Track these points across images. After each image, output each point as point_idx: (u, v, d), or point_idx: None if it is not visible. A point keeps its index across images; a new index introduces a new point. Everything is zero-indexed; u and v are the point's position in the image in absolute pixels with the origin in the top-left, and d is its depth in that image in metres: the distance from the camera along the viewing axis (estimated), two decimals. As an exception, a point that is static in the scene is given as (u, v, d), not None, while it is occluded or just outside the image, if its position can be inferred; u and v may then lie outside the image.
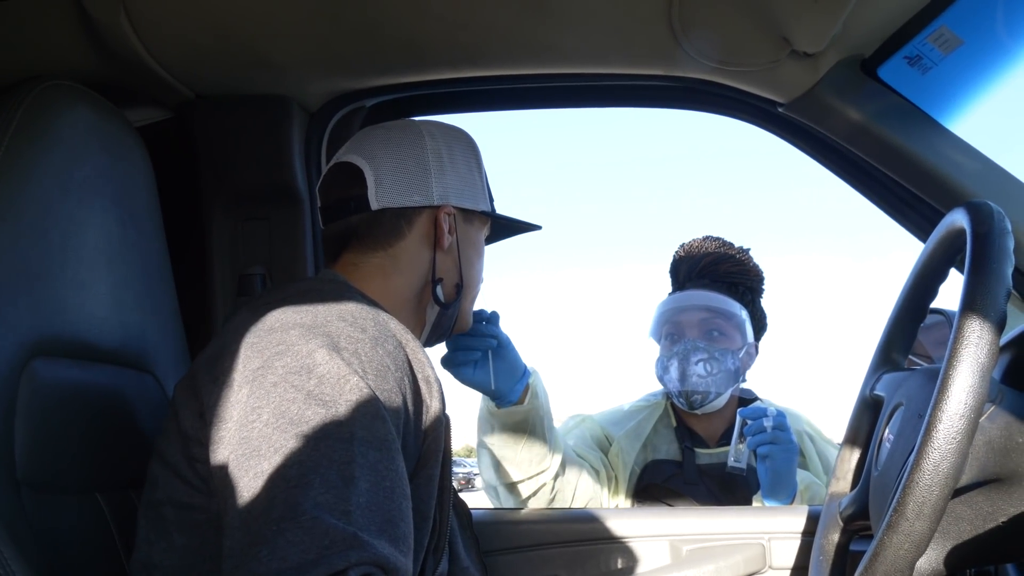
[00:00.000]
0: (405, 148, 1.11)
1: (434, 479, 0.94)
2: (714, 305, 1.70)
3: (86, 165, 1.03)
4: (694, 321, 1.72)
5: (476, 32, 1.29)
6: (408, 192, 1.09)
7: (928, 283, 1.07)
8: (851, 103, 1.30)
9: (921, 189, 1.30)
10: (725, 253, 1.76)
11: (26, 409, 0.89)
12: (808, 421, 1.80)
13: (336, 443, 0.78)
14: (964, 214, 0.87)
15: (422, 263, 1.11)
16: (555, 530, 1.41)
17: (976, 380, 0.73)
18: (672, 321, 1.75)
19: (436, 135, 1.13)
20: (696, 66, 1.34)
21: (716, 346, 1.69)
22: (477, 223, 1.17)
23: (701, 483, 1.67)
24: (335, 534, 0.73)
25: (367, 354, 0.87)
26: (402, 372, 0.91)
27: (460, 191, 1.13)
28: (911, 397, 0.98)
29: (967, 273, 0.79)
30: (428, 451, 0.94)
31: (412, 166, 1.10)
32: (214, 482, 0.84)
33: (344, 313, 0.91)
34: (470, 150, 1.17)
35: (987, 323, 0.74)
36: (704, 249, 1.78)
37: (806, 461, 1.70)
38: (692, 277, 1.76)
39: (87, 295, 1.01)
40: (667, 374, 1.73)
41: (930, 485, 0.73)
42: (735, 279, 1.75)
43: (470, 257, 1.16)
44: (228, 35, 1.24)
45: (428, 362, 0.98)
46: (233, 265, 1.44)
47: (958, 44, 1.23)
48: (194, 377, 0.91)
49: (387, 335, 0.93)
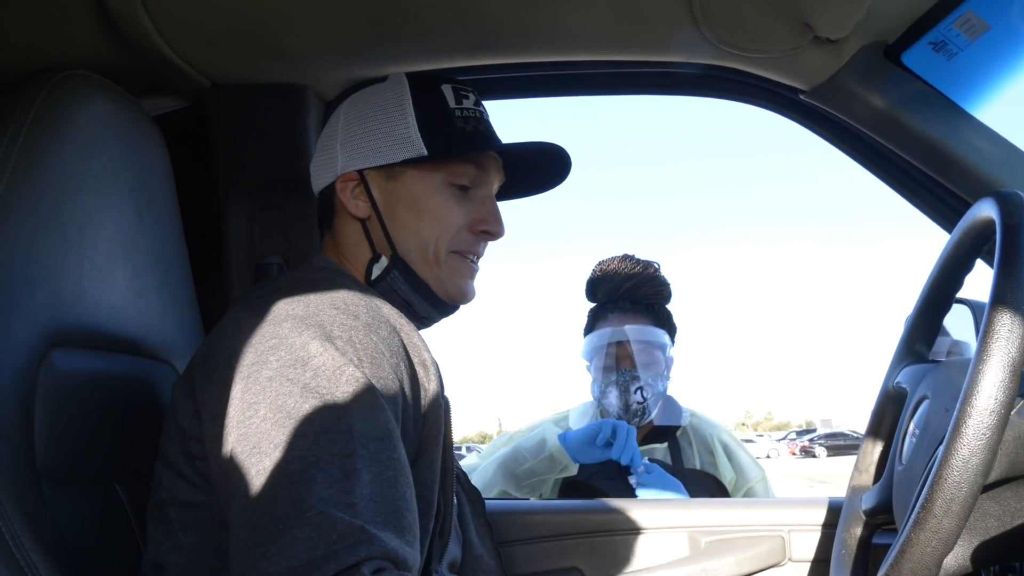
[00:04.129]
0: (329, 126, 1.11)
1: (436, 463, 0.93)
2: (647, 338, 1.92)
3: (103, 155, 1.03)
4: (628, 352, 1.93)
5: (493, 19, 1.27)
6: (323, 170, 1.09)
7: (954, 274, 1.06)
8: (875, 90, 1.28)
9: (946, 177, 1.29)
10: (644, 275, 1.95)
11: (45, 400, 0.89)
12: (724, 428, 2.06)
13: (336, 435, 0.78)
14: (993, 204, 0.85)
15: (357, 239, 1.07)
16: (573, 521, 1.40)
17: (1007, 375, 0.72)
18: (606, 351, 1.95)
19: (354, 101, 1.09)
20: (717, 53, 1.32)
21: (649, 372, 1.91)
22: (409, 175, 1.05)
23: (619, 478, 1.81)
24: (342, 528, 0.72)
25: (361, 341, 0.86)
26: (397, 357, 0.90)
27: (366, 150, 1.06)
28: (937, 390, 0.97)
29: (997, 266, 0.77)
30: (428, 435, 0.93)
31: (326, 143, 1.10)
32: (214, 480, 0.84)
33: (336, 301, 0.90)
34: (391, 98, 1.07)
35: (1018, 317, 0.73)
36: (624, 271, 1.96)
37: (716, 462, 1.95)
38: (614, 299, 1.96)
39: (105, 285, 1.01)
40: (606, 398, 1.93)
41: (959, 481, 0.72)
42: (653, 300, 1.96)
43: (399, 217, 1.05)
44: (244, 24, 1.23)
45: (424, 345, 0.97)
46: (250, 254, 1.43)
47: (985, 29, 1.20)
48: (190, 376, 0.91)
49: (380, 320, 0.91)
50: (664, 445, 1.96)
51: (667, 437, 1.97)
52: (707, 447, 1.98)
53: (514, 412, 78.61)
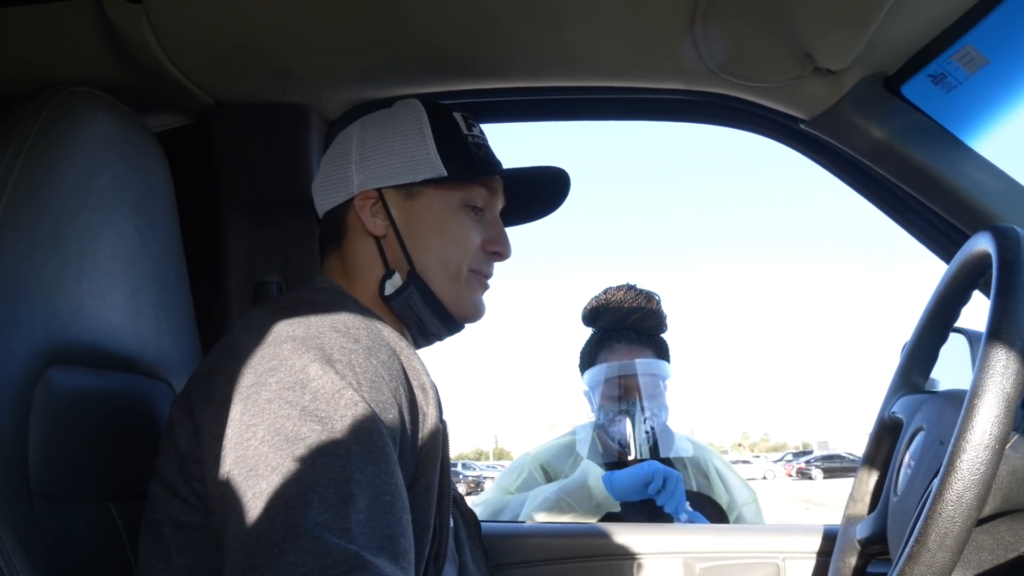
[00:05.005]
0: (337, 147, 1.11)
1: (433, 488, 0.93)
2: (654, 371, 1.94)
3: (105, 173, 1.03)
4: (635, 384, 1.93)
5: (497, 44, 1.28)
6: (335, 190, 1.09)
7: (950, 305, 1.06)
8: (874, 121, 1.29)
9: (944, 209, 1.29)
10: (648, 309, 1.98)
11: (40, 418, 0.88)
12: (716, 454, 2.11)
13: (333, 460, 0.77)
14: (990, 238, 0.86)
15: (371, 257, 1.08)
16: (568, 545, 1.40)
17: (1002, 410, 0.72)
18: (614, 383, 1.96)
19: (366, 123, 1.11)
20: (718, 81, 1.33)
21: (654, 403, 1.92)
22: (428, 195, 1.08)
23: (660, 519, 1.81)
24: (337, 554, 0.72)
25: (361, 365, 0.86)
26: (397, 381, 0.89)
27: (386, 169, 1.07)
28: (932, 422, 0.97)
29: (993, 300, 0.78)
30: (426, 460, 0.93)
31: (338, 163, 1.10)
32: (211, 501, 0.83)
33: (337, 323, 0.90)
34: (407, 119, 1.10)
35: (1013, 352, 0.73)
36: (627, 303, 1.99)
37: (711, 485, 2.00)
38: (618, 329, 1.99)
39: (103, 303, 1.01)
40: (613, 426, 1.94)
41: (953, 516, 0.72)
42: (654, 331, 2.00)
43: (419, 236, 1.07)
44: (249, 43, 1.24)
45: (423, 369, 0.97)
46: (249, 273, 1.44)
47: (984, 63, 1.21)
48: (188, 395, 0.91)
49: (381, 344, 0.91)
50: None
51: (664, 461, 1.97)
52: (702, 470, 2.02)
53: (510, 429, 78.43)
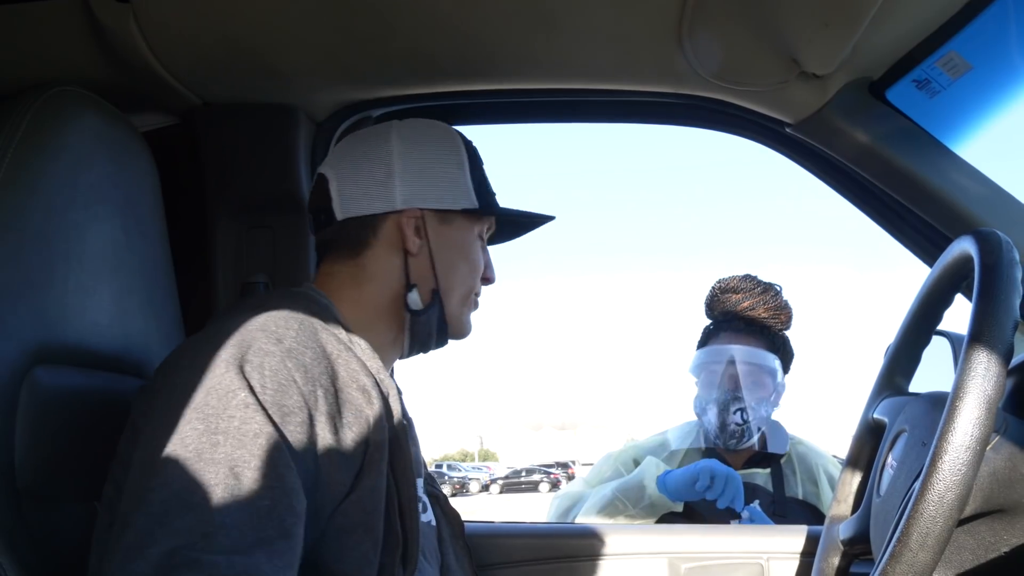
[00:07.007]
0: (370, 155, 1.10)
1: (379, 490, 0.92)
2: (755, 361, 1.89)
3: (92, 172, 1.03)
4: (733, 372, 1.89)
5: (485, 45, 1.29)
6: (370, 200, 1.09)
7: (933, 308, 1.07)
8: (859, 125, 1.30)
9: (927, 213, 1.31)
10: (762, 298, 1.91)
11: (26, 417, 0.88)
12: (830, 459, 1.95)
13: (208, 465, 0.78)
14: (972, 242, 0.87)
15: (393, 269, 1.09)
16: (553, 545, 1.41)
17: (983, 412, 0.73)
18: (711, 369, 1.93)
19: (406, 137, 1.11)
20: (704, 84, 1.34)
21: (754, 395, 1.87)
22: (459, 222, 1.12)
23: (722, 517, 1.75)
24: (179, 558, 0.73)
25: (272, 367, 0.86)
26: (315, 385, 0.88)
27: (431, 192, 1.10)
28: (915, 424, 0.98)
29: (975, 304, 0.79)
30: (369, 461, 0.92)
31: (375, 173, 1.09)
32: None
33: (268, 324, 0.90)
34: (448, 147, 1.13)
35: (994, 355, 0.75)
36: (742, 291, 1.93)
37: (819, 493, 1.86)
38: (729, 318, 1.94)
39: (90, 302, 1.01)
40: (706, 415, 1.91)
41: (934, 516, 0.73)
42: (768, 323, 1.92)
43: (449, 259, 1.11)
44: (237, 43, 1.24)
45: (367, 371, 0.96)
46: (236, 273, 1.43)
47: (967, 69, 1.23)
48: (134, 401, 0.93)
49: (308, 346, 0.90)
50: (767, 471, 1.89)
51: (770, 463, 1.92)
52: (811, 476, 1.89)
53: (495, 430, 78.47)
